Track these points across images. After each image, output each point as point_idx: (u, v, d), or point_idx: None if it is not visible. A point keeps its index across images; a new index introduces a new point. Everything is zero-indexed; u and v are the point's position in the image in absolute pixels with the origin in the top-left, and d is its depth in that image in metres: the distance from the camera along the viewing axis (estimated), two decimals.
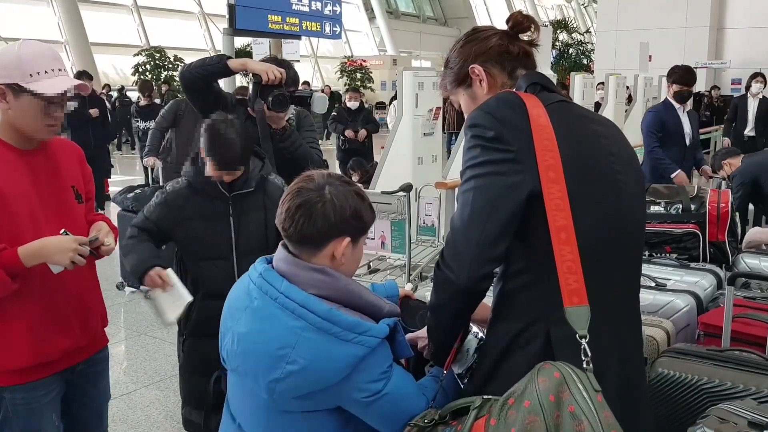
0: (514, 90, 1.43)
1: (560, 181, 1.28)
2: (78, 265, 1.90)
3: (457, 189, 1.50)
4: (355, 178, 7.51)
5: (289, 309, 1.34)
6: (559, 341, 1.30)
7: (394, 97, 11.85)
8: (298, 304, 1.34)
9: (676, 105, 5.22)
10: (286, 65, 3.03)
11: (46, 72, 1.85)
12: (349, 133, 8.52)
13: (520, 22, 1.52)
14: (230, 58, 2.88)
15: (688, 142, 5.28)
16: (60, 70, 1.90)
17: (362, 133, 8.58)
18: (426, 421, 1.33)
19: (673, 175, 5.02)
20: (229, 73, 2.86)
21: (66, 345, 2.03)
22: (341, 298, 1.39)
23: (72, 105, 1.98)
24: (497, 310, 1.43)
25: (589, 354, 1.23)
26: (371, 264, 5.58)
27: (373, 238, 5.04)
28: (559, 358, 1.24)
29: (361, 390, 1.34)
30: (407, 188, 4.84)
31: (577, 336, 1.24)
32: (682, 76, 5.21)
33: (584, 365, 1.21)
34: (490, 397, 1.25)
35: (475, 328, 1.54)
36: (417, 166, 6.44)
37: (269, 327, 1.35)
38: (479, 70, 1.51)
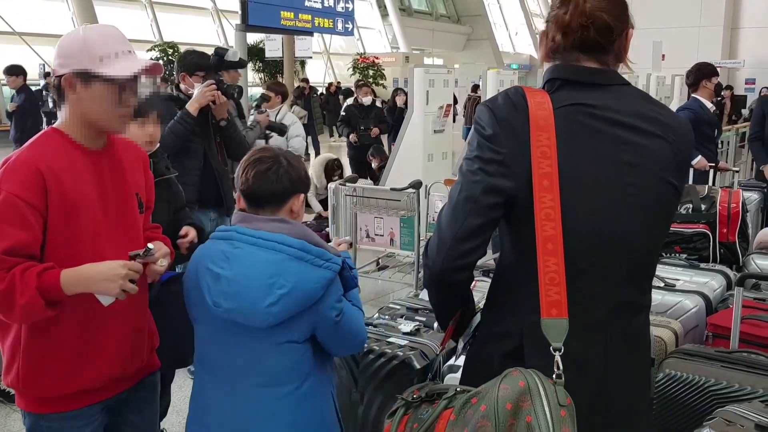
0: (523, 86, 1.38)
1: (554, 190, 1.25)
2: (130, 293, 1.65)
3: None
4: (375, 164, 7.52)
5: (269, 247, 1.63)
6: (532, 346, 1.30)
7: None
8: (276, 242, 1.63)
9: (708, 104, 5.05)
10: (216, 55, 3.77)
11: (116, 54, 1.67)
12: (353, 137, 8.25)
13: None
14: (183, 106, 3.49)
15: None
16: (129, 51, 1.71)
17: (375, 130, 8.34)
18: (414, 397, 1.36)
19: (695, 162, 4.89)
20: (195, 119, 3.48)
21: (111, 372, 1.79)
22: (302, 239, 1.67)
23: (146, 91, 1.87)
24: (488, 297, 1.46)
25: (561, 367, 1.21)
26: (380, 261, 5.58)
27: (382, 235, 5.04)
28: (528, 363, 1.25)
29: (333, 308, 1.66)
30: (416, 185, 4.84)
31: (551, 348, 1.23)
32: (711, 67, 5.05)
33: (554, 377, 1.20)
34: (465, 388, 1.29)
35: None
36: (427, 162, 6.45)
37: (256, 263, 1.62)
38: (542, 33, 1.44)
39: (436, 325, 2.64)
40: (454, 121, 7.71)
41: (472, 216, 1.31)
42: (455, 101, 9.87)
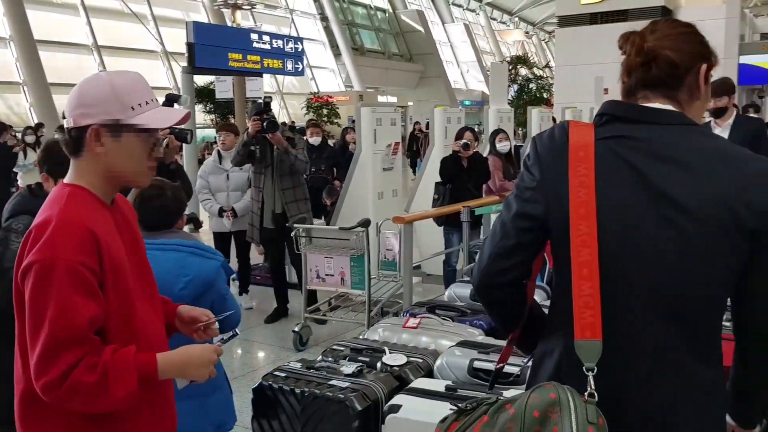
0: (570, 121, 1.42)
1: (590, 218, 1.28)
2: (212, 377, 1.59)
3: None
4: (328, 202, 7.49)
5: (172, 249, 2.20)
6: (567, 367, 1.33)
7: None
8: (176, 244, 2.23)
9: None
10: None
11: (147, 103, 1.54)
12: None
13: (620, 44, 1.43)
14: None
15: None
16: (155, 100, 1.59)
17: (337, 183, 7.95)
18: (467, 405, 1.39)
19: None
20: None
21: None
22: (190, 242, 2.31)
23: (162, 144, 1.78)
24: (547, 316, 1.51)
25: (593, 386, 1.25)
26: (332, 301, 5.53)
27: (333, 275, 5.00)
28: (565, 381, 1.28)
29: (223, 288, 2.29)
30: (365, 223, 4.83)
31: (584, 368, 1.26)
32: None
33: (587, 396, 1.24)
34: (508, 398, 1.32)
35: None
36: (377, 201, 6.46)
37: (165, 262, 2.10)
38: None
39: (379, 364, 2.61)
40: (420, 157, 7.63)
41: (505, 237, 1.40)
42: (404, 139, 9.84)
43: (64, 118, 1.56)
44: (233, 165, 5.57)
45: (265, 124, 5.16)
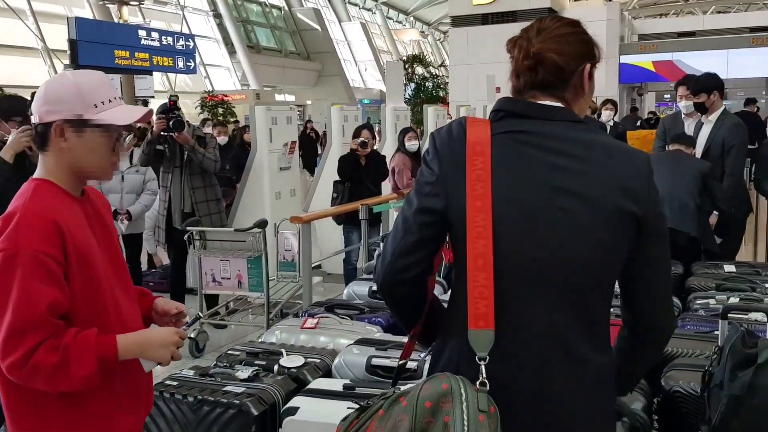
0: (467, 117, 1.44)
1: (486, 210, 1.32)
2: (175, 360, 1.66)
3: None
4: (226, 203, 7.32)
5: None
6: (464, 357, 1.34)
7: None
8: None
9: None
10: None
11: (110, 101, 1.64)
12: None
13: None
14: None
15: None
16: (118, 98, 1.69)
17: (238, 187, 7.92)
18: (368, 402, 1.39)
19: None
20: (12, 166, 3.39)
21: (135, 422, 1.74)
22: None
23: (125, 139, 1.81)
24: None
25: (484, 375, 1.28)
26: (230, 304, 5.40)
27: (229, 278, 4.88)
28: (461, 373, 1.30)
29: None
30: (262, 224, 4.75)
31: (476, 357, 1.29)
32: None
33: (478, 385, 1.27)
34: (403, 391, 1.33)
35: None
36: (275, 201, 6.37)
37: None
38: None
39: (276, 367, 2.57)
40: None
41: (408, 233, 1.40)
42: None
43: (31, 114, 1.65)
44: (140, 164, 5.42)
45: (171, 122, 5.02)
